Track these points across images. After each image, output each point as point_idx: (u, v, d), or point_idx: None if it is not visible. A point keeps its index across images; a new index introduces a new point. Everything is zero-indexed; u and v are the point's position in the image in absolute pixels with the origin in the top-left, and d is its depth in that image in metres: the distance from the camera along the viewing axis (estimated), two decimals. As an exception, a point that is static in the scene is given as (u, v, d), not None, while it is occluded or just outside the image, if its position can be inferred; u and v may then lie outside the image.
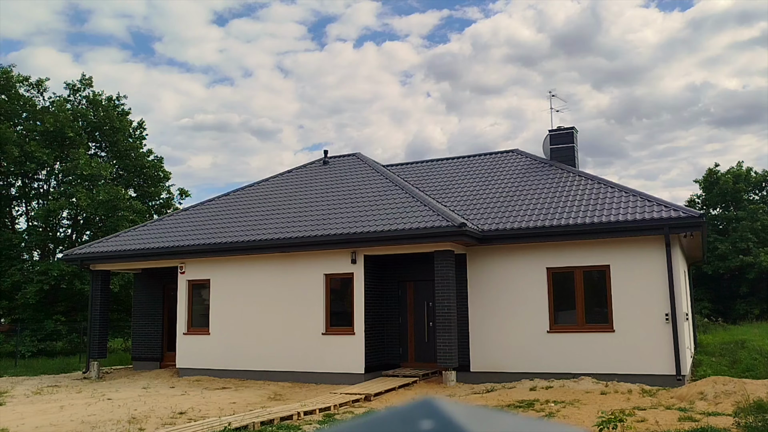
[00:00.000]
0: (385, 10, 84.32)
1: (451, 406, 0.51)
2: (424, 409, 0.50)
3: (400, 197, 16.94)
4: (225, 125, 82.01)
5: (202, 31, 75.83)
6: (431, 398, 0.52)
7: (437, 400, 0.51)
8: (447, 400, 0.52)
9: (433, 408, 0.50)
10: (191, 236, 18.25)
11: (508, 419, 0.50)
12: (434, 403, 0.51)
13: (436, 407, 0.50)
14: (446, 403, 0.51)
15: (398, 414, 0.51)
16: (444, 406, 0.50)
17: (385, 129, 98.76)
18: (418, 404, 0.51)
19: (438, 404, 0.51)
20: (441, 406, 0.50)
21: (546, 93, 21.20)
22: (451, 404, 0.52)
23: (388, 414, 0.51)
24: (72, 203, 28.28)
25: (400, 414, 0.50)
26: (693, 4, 75.71)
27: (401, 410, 0.51)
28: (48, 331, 25.65)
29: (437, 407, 0.50)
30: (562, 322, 15.07)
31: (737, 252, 37.27)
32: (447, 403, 0.51)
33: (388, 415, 0.50)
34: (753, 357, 16.32)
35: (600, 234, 14.49)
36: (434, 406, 0.51)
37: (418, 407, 0.51)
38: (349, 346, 15.80)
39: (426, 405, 0.51)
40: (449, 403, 0.52)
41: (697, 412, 10.29)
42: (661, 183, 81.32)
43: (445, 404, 0.51)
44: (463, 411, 0.50)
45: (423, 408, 0.51)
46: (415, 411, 0.50)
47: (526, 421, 0.50)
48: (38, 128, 28.23)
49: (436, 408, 0.50)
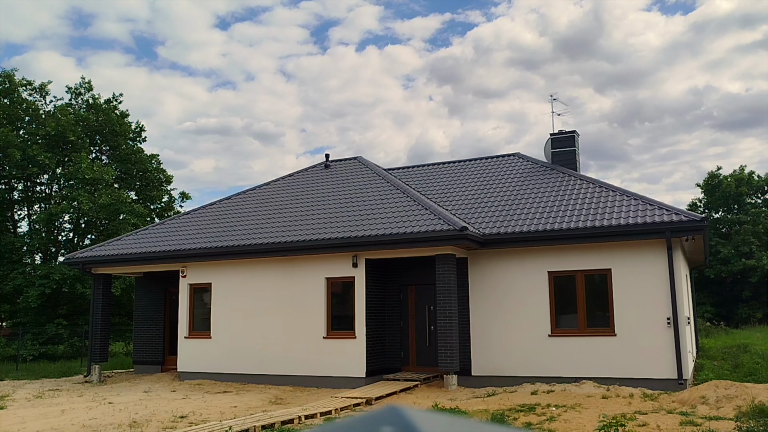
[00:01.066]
0: (387, 14, 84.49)
1: (414, 414, 0.51)
2: (387, 416, 0.51)
3: (402, 201, 16.94)
4: (227, 129, 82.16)
5: (205, 35, 76.04)
6: (396, 406, 0.53)
7: (401, 407, 0.52)
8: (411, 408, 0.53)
9: (396, 415, 0.51)
10: (193, 240, 18.27)
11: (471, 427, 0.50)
12: (398, 410, 0.52)
13: (399, 414, 0.51)
14: (410, 411, 0.52)
15: (361, 420, 0.51)
16: (407, 413, 0.51)
17: (388, 133, 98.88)
18: (382, 411, 0.52)
19: (401, 411, 0.51)
20: (404, 413, 0.51)
21: (548, 96, 21.21)
22: (414, 412, 0.52)
23: (352, 420, 0.51)
24: (74, 207, 28.33)
25: (363, 420, 0.51)
26: (695, 7, 75.79)
27: (365, 417, 0.52)
28: (49, 335, 25.67)
29: (400, 414, 0.51)
30: (564, 326, 15.04)
31: (739, 256, 37.18)
32: (411, 410, 0.52)
33: (351, 422, 0.51)
34: (755, 361, 16.28)
35: (601, 238, 14.47)
36: (397, 412, 0.51)
37: (382, 414, 0.51)
38: (351, 350, 15.79)
39: (389, 412, 0.52)
40: (413, 410, 0.52)
41: (699, 416, 10.26)
42: (663, 186, 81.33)
43: (408, 411, 0.51)
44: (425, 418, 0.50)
45: (386, 415, 0.51)
46: (377, 417, 0.51)
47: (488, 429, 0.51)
48: (40, 132, 28.30)
49: (399, 415, 0.51)
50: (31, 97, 29.65)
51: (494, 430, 0.50)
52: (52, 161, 27.97)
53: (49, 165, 28.07)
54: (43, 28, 61.49)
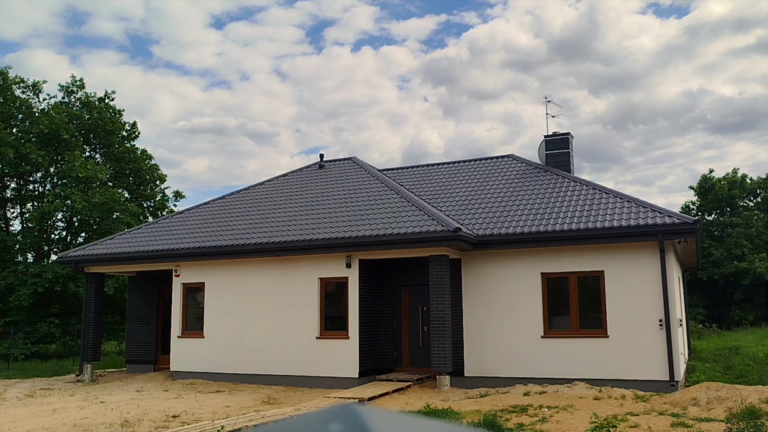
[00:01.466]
0: (382, 15, 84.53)
1: (365, 412, 0.52)
2: (339, 414, 0.52)
3: (396, 201, 16.96)
4: (222, 129, 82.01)
5: (200, 34, 75.89)
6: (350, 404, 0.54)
7: (355, 405, 0.53)
8: (365, 407, 0.54)
9: (348, 412, 0.52)
10: (186, 239, 18.23)
11: (421, 426, 0.51)
12: (350, 408, 0.53)
13: (351, 412, 0.52)
14: (362, 409, 0.53)
15: (313, 417, 0.52)
16: (359, 411, 0.52)
17: (382, 133, 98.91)
18: (335, 408, 0.53)
19: (353, 409, 0.52)
20: (356, 411, 0.52)
21: (543, 98, 21.27)
22: (367, 410, 0.53)
23: (305, 417, 0.52)
24: (67, 205, 28.23)
25: (315, 417, 0.52)
26: (689, 11, 76.12)
27: (317, 414, 0.53)
28: (41, 334, 25.56)
29: (352, 412, 0.52)
30: (557, 327, 15.08)
31: (732, 258, 37.36)
32: (363, 409, 0.53)
33: (304, 419, 0.52)
34: (746, 363, 16.36)
35: (594, 240, 14.52)
36: (350, 410, 0.52)
37: (334, 411, 0.52)
38: (344, 350, 15.79)
39: (342, 410, 0.53)
40: (366, 409, 0.53)
41: (690, 417, 10.31)
42: (657, 189, 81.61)
43: (361, 410, 0.52)
44: (376, 416, 0.51)
45: (338, 412, 0.52)
46: (329, 415, 0.52)
47: (439, 426, 0.52)
48: (34, 130, 28.19)
49: (351, 412, 0.52)
50: (24, 94, 29.54)
51: (445, 428, 0.51)
52: (46, 159, 27.87)
53: (42, 163, 27.97)
54: (37, 26, 61.30)
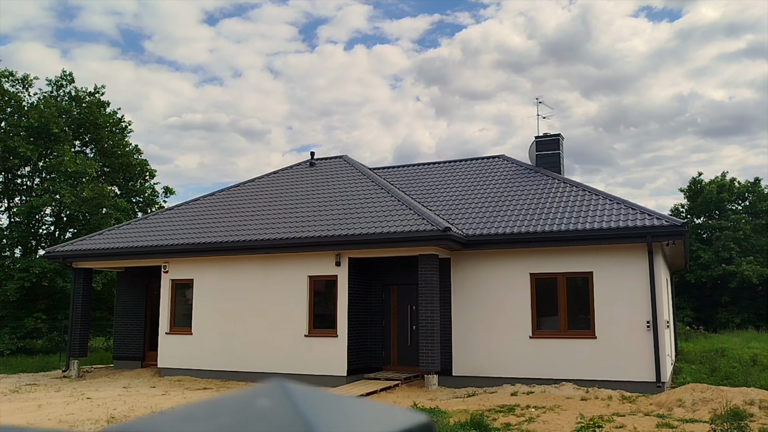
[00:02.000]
0: (376, 14, 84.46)
1: (295, 389, 0.53)
2: (269, 390, 0.52)
3: (386, 200, 16.96)
4: (213, 125, 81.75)
5: (193, 30, 75.54)
6: (280, 381, 0.54)
7: (285, 382, 0.53)
8: (296, 384, 0.54)
9: (278, 389, 0.52)
10: (175, 236, 18.16)
11: (352, 403, 0.51)
12: (281, 385, 0.53)
13: (281, 388, 0.52)
14: (293, 386, 0.53)
15: (244, 393, 0.53)
16: (290, 388, 0.53)
17: (374, 132, 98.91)
18: (266, 385, 0.53)
19: (283, 386, 0.53)
20: (286, 387, 0.53)
21: (534, 100, 21.34)
22: (298, 387, 0.54)
23: (236, 394, 0.53)
24: (55, 200, 28.02)
25: (246, 393, 0.52)
26: (681, 15, 76.54)
27: (248, 391, 0.53)
28: (28, 329, 25.36)
29: (282, 388, 0.52)
30: (545, 327, 15.14)
31: (720, 261, 37.65)
32: (294, 386, 0.53)
33: (235, 395, 0.52)
34: (732, 365, 16.48)
35: (583, 241, 14.58)
36: (280, 387, 0.53)
37: (264, 388, 0.53)
38: (332, 349, 15.78)
39: (272, 386, 0.53)
40: (297, 386, 0.54)
41: (675, 418, 10.37)
42: (647, 191, 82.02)
43: (291, 387, 0.53)
44: (305, 394, 0.52)
45: (268, 388, 0.53)
46: (259, 391, 0.52)
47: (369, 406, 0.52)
48: (23, 124, 27.97)
49: (281, 389, 0.52)
50: (13, 88, 29.27)
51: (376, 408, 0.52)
52: (34, 153, 27.65)
53: (31, 157, 27.75)
54: (28, 19, 60.80)
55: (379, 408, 0.53)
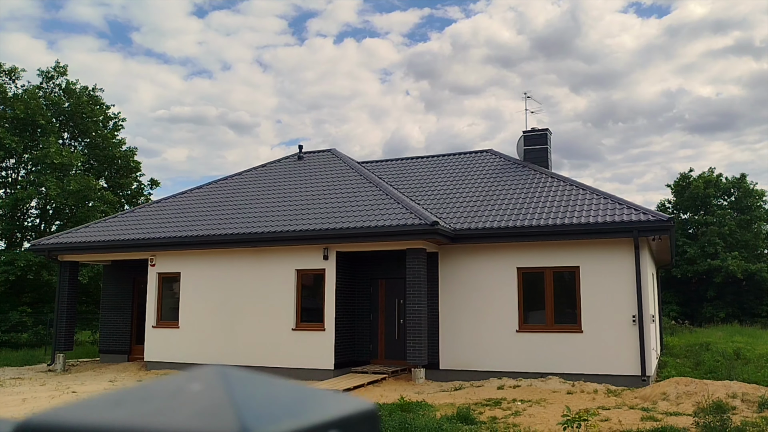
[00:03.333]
0: (366, 7, 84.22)
1: (232, 373, 0.52)
2: (203, 374, 0.51)
3: (374, 194, 16.94)
4: (202, 118, 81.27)
5: (182, 22, 74.97)
6: (216, 366, 0.53)
7: (221, 367, 0.53)
8: (233, 370, 0.53)
9: (212, 373, 0.52)
10: (162, 229, 18.06)
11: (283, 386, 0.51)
12: (216, 369, 0.52)
13: (216, 372, 0.52)
14: (229, 371, 0.52)
15: (179, 377, 0.52)
16: (225, 372, 0.52)
17: (364, 126, 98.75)
18: (203, 370, 0.53)
19: (218, 370, 0.52)
20: (221, 372, 0.52)
21: (523, 94, 21.38)
22: (233, 372, 0.53)
23: (171, 378, 0.52)
24: (41, 192, 27.78)
25: (181, 377, 0.52)
26: (669, 11, 76.91)
27: (184, 375, 0.52)
28: (13, 323, 25.16)
29: (217, 372, 0.52)
30: (532, 321, 15.21)
31: (705, 256, 37.96)
32: (232, 371, 0.53)
33: (169, 379, 0.52)
34: (716, 359, 16.64)
35: (570, 235, 14.64)
36: (215, 371, 0.52)
37: (199, 372, 0.52)
38: (320, 342, 15.78)
39: (207, 370, 0.52)
40: (234, 371, 0.53)
41: (659, 412, 10.47)
42: (635, 187, 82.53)
43: (226, 371, 0.52)
44: (241, 377, 0.51)
45: (203, 373, 0.52)
46: (194, 375, 0.52)
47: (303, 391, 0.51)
48: (8, 115, 27.67)
49: (216, 373, 0.52)
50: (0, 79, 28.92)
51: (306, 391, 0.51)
52: (20, 145, 27.37)
53: (17, 149, 27.47)
54: (13, 9, 60.06)
55: (322, 394, 0.53)
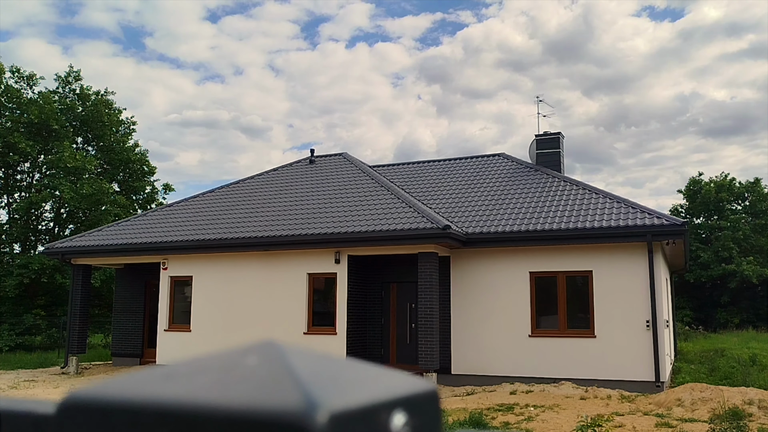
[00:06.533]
0: (378, 12, 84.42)
1: (288, 348, 0.50)
2: (260, 349, 0.50)
3: (386, 198, 16.92)
4: (214, 122, 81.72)
5: (195, 27, 75.47)
6: (271, 341, 0.52)
7: (276, 342, 0.51)
8: (286, 343, 0.51)
9: (268, 347, 0.50)
10: (174, 232, 18.13)
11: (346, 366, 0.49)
12: (271, 344, 0.51)
13: (272, 347, 0.50)
14: (284, 345, 0.51)
15: (235, 351, 0.50)
16: (280, 347, 0.50)
17: (375, 130, 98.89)
18: (256, 344, 0.51)
19: (274, 344, 0.50)
20: (277, 346, 0.50)
21: (535, 98, 21.33)
22: (289, 347, 0.51)
23: (228, 351, 0.50)
24: (55, 196, 27.99)
25: (236, 351, 0.50)
26: (683, 15, 76.51)
27: (239, 348, 0.51)
28: (27, 325, 25.35)
29: (272, 347, 0.50)
30: (544, 326, 15.11)
31: (719, 261, 37.62)
32: (286, 345, 0.51)
33: (227, 352, 0.50)
34: (731, 365, 16.46)
35: (583, 239, 14.55)
36: (270, 345, 0.50)
37: (255, 346, 0.51)
38: (331, 346, 15.75)
39: (263, 345, 0.51)
40: (289, 346, 0.51)
41: (674, 418, 10.36)
42: (647, 191, 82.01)
43: (282, 346, 0.50)
44: (298, 352, 0.49)
45: (259, 347, 0.50)
46: (250, 349, 0.50)
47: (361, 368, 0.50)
48: (23, 120, 27.92)
49: (271, 347, 0.50)
50: (17, 84, 29.19)
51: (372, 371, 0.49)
52: (34, 149, 27.61)
53: (31, 153, 27.71)
54: (29, 15, 60.70)
55: (384, 372, 0.50)
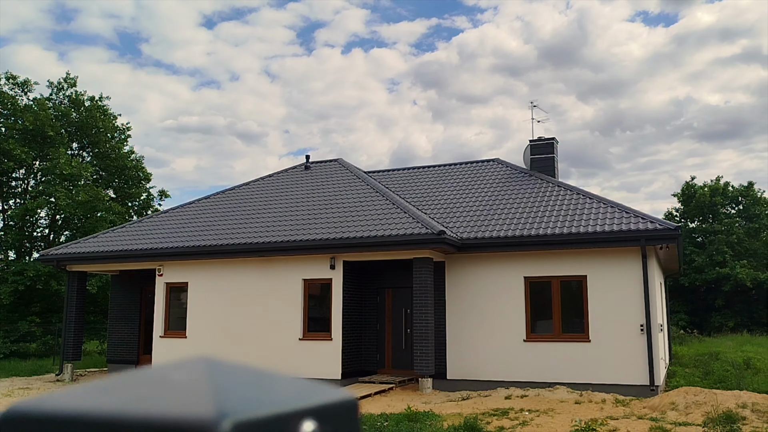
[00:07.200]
0: (373, 18, 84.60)
1: (221, 364, 0.53)
2: (188, 364, 0.53)
3: (381, 204, 16.98)
4: (210, 128, 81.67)
5: (190, 33, 75.49)
6: (202, 356, 0.55)
7: (206, 358, 0.54)
8: (220, 360, 0.54)
9: (197, 363, 0.53)
10: (170, 239, 18.13)
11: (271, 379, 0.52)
12: (206, 359, 0.54)
13: (200, 362, 0.53)
14: (220, 362, 0.54)
15: (165, 366, 0.53)
16: (214, 363, 0.53)
17: (371, 136, 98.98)
18: (191, 359, 0.54)
19: (208, 360, 0.54)
20: (210, 362, 0.53)
21: (530, 103, 21.42)
22: (224, 363, 0.54)
23: (160, 366, 0.53)
24: (50, 203, 27.95)
25: (167, 366, 0.53)
26: (677, 20, 76.88)
27: (170, 364, 0.54)
28: (22, 333, 25.26)
29: (201, 362, 0.53)
30: (539, 331, 15.16)
31: (713, 264, 37.72)
32: (222, 362, 0.54)
33: (158, 368, 0.53)
34: (725, 369, 16.53)
35: (577, 244, 14.62)
36: (204, 361, 0.54)
37: (185, 362, 0.54)
38: (327, 352, 15.78)
39: (197, 360, 0.54)
40: (220, 362, 0.54)
41: (668, 422, 10.41)
42: (643, 195, 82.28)
43: (216, 362, 0.53)
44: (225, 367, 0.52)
45: (188, 363, 0.54)
46: (179, 364, 0.53)
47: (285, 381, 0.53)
48: (18, 126, 27.89)
49: (200, 363, 0.53)
50: (12, 91, 29.15)
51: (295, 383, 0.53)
52: (29, 156, 27.58)
53: (26, 160, 27.67)
54: (25, 21, 60.65)
55: (302, 384, 0.54)
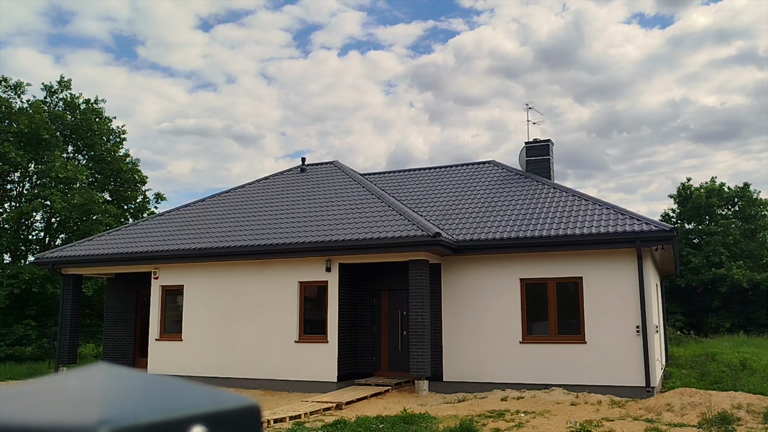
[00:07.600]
0: (370, 20, 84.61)
1: (119, 371, 0.53)
2: (85, 372, 0.53)
3: (376, 206, 16.97)
4: (206, 130, 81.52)
5: (187, 36, 75.38)
6: (101, 364, 0.54)
7: (105, 365, 0.53)
8: (118, 367, 0.54)
9: (100, 370, 0.53)
10: (165, 242, 18.10)
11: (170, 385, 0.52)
12: (105, 367, 0.54)
13: (103, 370, 0.53)
14: (119, 369, 0.53)
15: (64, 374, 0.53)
16: (112, 370, 0.53)
17: (368, 138, 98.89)
18: (92, 367, 0.54)
19: (107, 368, 0.53)
20: (108, 369, 0.53)
21: (525, 105, 21.45)
22: (122, 370, 0.54)
23: (61, 375, 0.53)
24: (46, 206, 27.87)
25: (66, 374, 0.53)
26: (673, 21, 76.99)
27: (74, 372, 0.53)
28: (17, 336, 25.17)
29: (104, 370, 0.53)
30: (535, 333, 15.17)
31: (710, 265, 37.81)
32: (120, 369, 0.54)
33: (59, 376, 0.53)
34: (721, 370, 16.56)
35: (573, 246, 14.63)
36: (102, 368, 0.53)
37: (89, 370, 0.53)
38: (323, 354, 15.75)
39: (96, 368, 0.53)
40: (117, 368, 0.54)
41: (664, 423, 10.41)
42: (639, 197, 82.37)
43: (115, 369, 0.53)
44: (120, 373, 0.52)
45: (84, 371, 0.53)
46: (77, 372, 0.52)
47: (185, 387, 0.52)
48: (13, 129, 27.82)
49: (103, 370, 0.53)
50: (5, 94, 29.10)
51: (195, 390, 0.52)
52: (24, 159, 27.51)
53: (21, 163, 27.60)
54: (21, 24, 60.55)
55: (198, 390, 0.54)
